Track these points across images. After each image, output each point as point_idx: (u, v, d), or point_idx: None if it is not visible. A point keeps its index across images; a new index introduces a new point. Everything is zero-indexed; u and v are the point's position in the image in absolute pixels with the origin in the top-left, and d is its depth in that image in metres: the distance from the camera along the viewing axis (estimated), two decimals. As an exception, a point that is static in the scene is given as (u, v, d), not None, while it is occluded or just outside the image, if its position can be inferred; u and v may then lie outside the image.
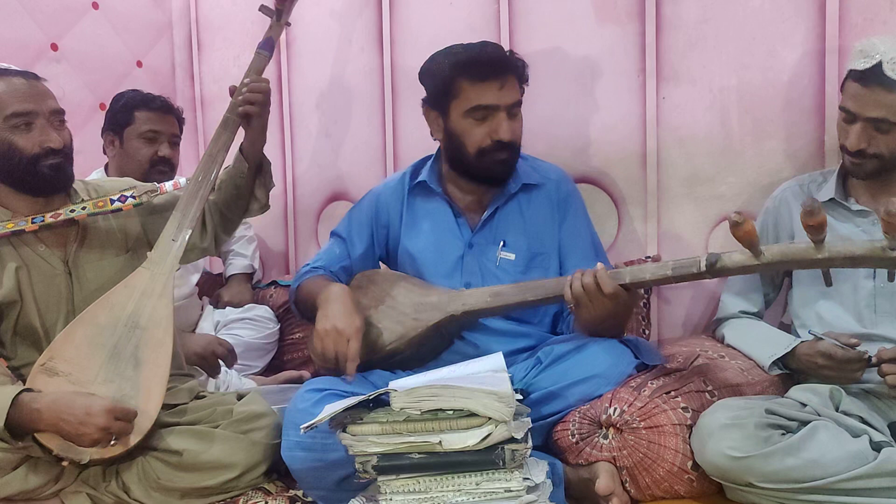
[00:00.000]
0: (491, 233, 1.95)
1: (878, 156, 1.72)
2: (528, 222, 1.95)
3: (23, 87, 1.73)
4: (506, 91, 1.84)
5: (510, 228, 1.95)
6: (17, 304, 1.75)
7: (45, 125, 1.74)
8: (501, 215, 1.96)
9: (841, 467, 1.41)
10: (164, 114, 2.48)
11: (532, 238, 1.95)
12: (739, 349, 1.90)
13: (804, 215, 1.43)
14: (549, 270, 1.94)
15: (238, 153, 1.94)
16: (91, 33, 2.82)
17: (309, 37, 2.85)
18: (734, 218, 1.49)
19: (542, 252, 1.94)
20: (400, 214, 2.03)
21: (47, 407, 1.56)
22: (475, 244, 1.95)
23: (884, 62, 1.65)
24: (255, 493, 1.70)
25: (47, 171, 1.74)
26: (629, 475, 1.57)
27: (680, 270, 1.63)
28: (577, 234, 1.97)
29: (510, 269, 1.92)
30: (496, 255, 1.93)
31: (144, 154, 2.44)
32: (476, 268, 1.93)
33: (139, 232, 1.92)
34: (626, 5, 2.28)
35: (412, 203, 2.03)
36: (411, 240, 2.00)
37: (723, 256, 1.58)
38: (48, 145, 1.73)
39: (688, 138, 2.24)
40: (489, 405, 1.32)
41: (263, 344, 2.63)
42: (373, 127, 2.74)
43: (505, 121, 1.85)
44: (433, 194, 1.99)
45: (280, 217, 2.99)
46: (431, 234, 1.98)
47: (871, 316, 1.76)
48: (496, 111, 1.85)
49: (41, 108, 1.74)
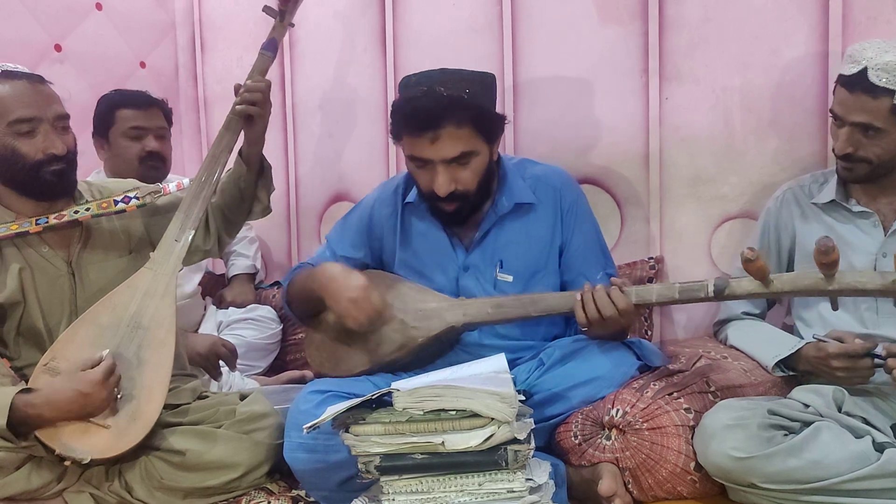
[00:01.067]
0: (486, 253, 1.88)
1: (865, 160, 1.73)
2: (529, 240, 1.88)
3: (28, 92, 1.72)
4: (440, 145, 1.71)
5: (508, 246, 1.87)
6: (21, 305, 1.75)
7: (49, 131, 1.73)
8: (497, 234, 1.88)
9: (844, 468, 1.41)
10: (146, 108, 2.46)
11: (532, 256, 1.88)
12: (743, 350, 1.89)
13: (818, 254, 1.44)
14: (548, 286, 1.88)
15: (238, 156, 1.94)
16: (94, 34, 2.82)
17: (312, 37, 2.85)
18: (747, 255, 1.49)
19: (542, 268, 1.88)
20: (394, 230, 1.96)
21: (43, 406, 1.57)
22: (471, 266, 1.88)
23: (869, 68, 1.65)
24: (257, 494, 1.70)
25: (50, 177, 1.74)
26: (632, 476, 1.57)
27: (687, 294, 1.62)
28: (588, 243, 1.92)
29: (508, 290, 1.85)
30: (493, 276, 1.87)
31: (132, 152, 2.42)
32: (474, 290, 1.87)
33: (142, 233, 1.92)
34: (628, 5, 2.28)
35: (406, 219, 1.95)
36: (406, 259, 1.94)
37: (731, 283, 1.58)
38: (51, 152, 1.72)
39: (690, 138, 2.24)
40: (492, 406, 1.32)
41: (266, 344, 2.63)
42: (376, 128, 2.74)
43: (442, 174, 1.73)
44: (426, 214, 1.91)
45: (283, 217, 2.99)
46: (426, 258, 1.92)
47: (874, 317, 1.76)
48: (432, 164, 1.75)
49: (45, 113, 1.73)
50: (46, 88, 1.76)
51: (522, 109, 2.45)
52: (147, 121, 2.44)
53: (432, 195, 1.79)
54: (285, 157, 2.96)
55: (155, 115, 2.47)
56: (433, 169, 1.76)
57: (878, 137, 1.69)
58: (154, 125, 2.45)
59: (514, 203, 1.87)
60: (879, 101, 1.66)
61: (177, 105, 3.13)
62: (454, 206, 1.81)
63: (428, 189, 1.80)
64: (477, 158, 1.77)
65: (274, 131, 2.94)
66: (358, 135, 2.79)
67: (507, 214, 1.88)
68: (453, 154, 1.73)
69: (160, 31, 3.09)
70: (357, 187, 2.78)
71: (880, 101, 1.65)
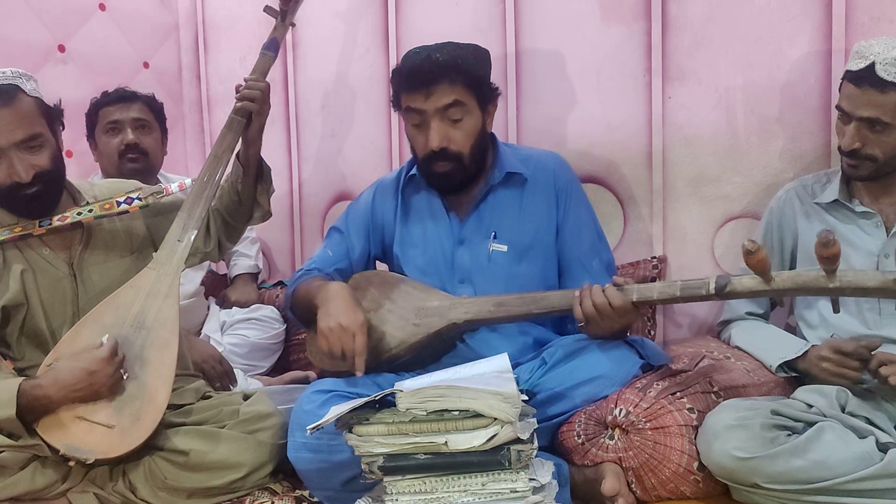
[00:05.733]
0: (481, 225, 1.94)
1: (871, 157, 1.73)
2: (523, 212, 1.94)
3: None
4: (433, 98, 1.82)
5: (503, 219, 1.93)
6: (24, 307, 1.76)
7: (14, 158, 1.67)
8: (491, 206, 1.94)
9: (847, 468, 1.41)
10: (123, 102, 2.46)
11: (526, 229, 1.93)
12: (746, 351, 1.89)
13: (819, 246, 1.43)
14: (544, 262, 1.93)
15: (235, 159, 1.93)
16: (98, 35, 2.82)
17: (314, 38, 2.85)
18: (748, 246, 1.49)
19: (537, 243, 1.93)
20: (394, 211, 2.03)
21: (50, 386, 1.58)
22: (465, 238, 1.94)
23: (877, 63, 1.66)
24: (261, 494, 1.70)
25: (26, 200, 1.72)
26: (635, 476, 1.57)
27: (688, 292, 1.63)
28: (582, 226, 1.96)
29: (502, 261, 1.91)
30: (488, 247, 1.93)
31: (112, 147, 2.43)
32: (468, 262, 1.93)
33: (144, 234, 1.93)
34: (631, 5, 2.28)
35: (406, 199, 2.03)
36: (405, 236, 2.00)
37: (732, 280, 1.58)
38: (14, 180, 1.69)
39: (693, 138, 2.24)
40: (495, 406, 1.33)
41: (269, 344, 2.64)
42: (378, 127, 2.75)
43: (435, 128, 1.83)
44: (424, 189, 2.00)
45: (286, 217, 3.00)
46: (424, 231, 1.98)
47: (876, 318, 1.76)
48: (426, 116, 1.84)
49: (5, 141, 1.66)
50: (9, 110, 1.66)
51: (525, 108, 2.45)
52: (122, 114, 2.45)
53: (428, 155, 1.86)
54: (288, 157, 2.97)
55: (131, 108, 2.46)
56: (427, 124, 1.84)
57: (886, 133, 1.70)
58: (130, 118, 2.45)
59: (505, 172, 1.93)
60: (887, 96, 1.66)
61: (180, 105, 3.14)
62: (448, 166, 1.87)
63: (424, 149, 1.87)
64: (469, 119, 1.86)
65: (277, 131, 2.96)
66: (361, 134, 2.79)
67: (500, 185, 1.94)
68: (446, 101, 1.82)
69: (164, 31, 3.09)
70: (360, 187, 2.76)
71: (888, 95, 1.66)
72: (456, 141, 1.85)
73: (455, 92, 1.83)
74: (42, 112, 1.74)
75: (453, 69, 1.83)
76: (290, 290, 2.02)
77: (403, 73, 1.87)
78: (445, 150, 1.84)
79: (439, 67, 1.82)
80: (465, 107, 1.85)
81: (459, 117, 1.85)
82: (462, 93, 1.84)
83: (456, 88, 1.83)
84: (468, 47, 1.92)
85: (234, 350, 2.51)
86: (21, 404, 1.55)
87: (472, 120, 1.87)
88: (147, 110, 2.50)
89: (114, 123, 2.44)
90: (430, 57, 1.84)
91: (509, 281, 1.89)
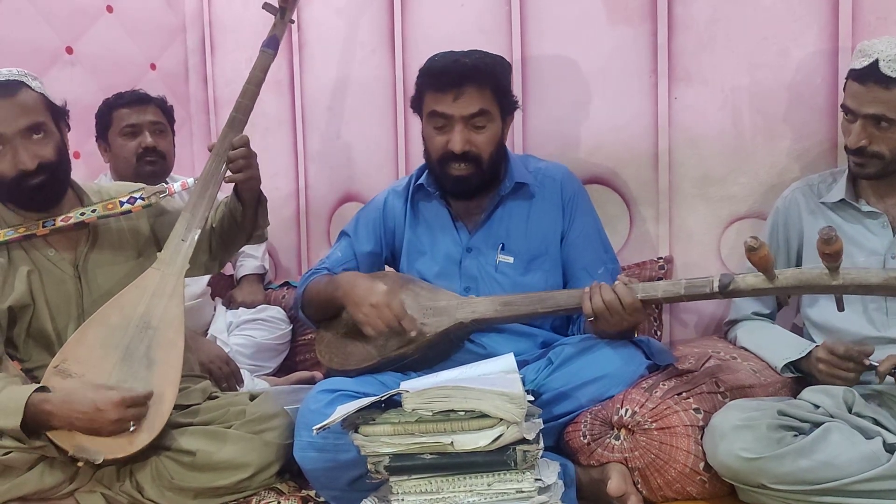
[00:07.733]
0: (489, 236, 1.96)
1: (878, 154, 1.73)
2: (530, 223, 1.95)
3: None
4: (462, 102, 1.83)
5: (510, 230, 1.95)
6: (30, 308, 1.76)
7: (18, 146, 1.68)
8: (500, 217, 1.96)
9: (854, 469, 1.41)
10: (139, 105, 2.47)
11: (533, 240, 1.94)
12: (752, 351, 1.89)
13: (821, 243, 1.44)
14: (549, 272, 1.94)
15: (233, 193, 1.90)
16: (105, 36, 2.83)
17: (321, 39, 2.85)
18: (750, 243, 1.49)
19: (543, 254, 1.94)
20: (404, 217, 2.05)
21: (58, 406, 1.57)
22: (473, 248, 1.96)
23: (880, 60, 1.67)
24: (267, 493, 1.70)
25: (30, 191, 1.72)
26: (641, 476, 1.56)
27: (692, 290, 1.64)
28: (588, 235, 1.97)
29: (509, 272, 1.93)
30: (495, 258, 1.94)
31: (129, 150, 2.43)
32: (475, 272, 1.94)
33: (148, 234, 1.93)
34: (637, 6, 2.28)
35: (415, 206, 2.05)
36: (413, 244, 2.02)
37: (736, 278, 1.59)
38: (20, 169, 1.69)
39: (699, 138, 2.23)
40: (500, 406, 1.33)
41: (276, 345, 2.64)
42: (384, 128, 2.75)
43: (459, 132, 1.84)
44: (433, 197, 2.01)
45: (292, 218, 3.00)
46: (432, 239, 2.00)
47: (883, 318, 1.75)
48: (452, 121, 1.85)
49: (9, 129, 1.67)
50: (13, 100, 1.68)
51: (532, 109, 2.45)
52: (140, 117, 2.45)
53: (447, 156, 1.87)
54: (294, 157, 2.97)
55: (148, 111, 2.48)
56: (451, 128, 1.85)
57: (892, 129, 1.70)
58: (148, 121, 2.46)
59: (514, 182, 1.95)
60: (892, 92, 1.67)
61: (187, 107, 3.15)
62: (467, 169, 1.87)
63: (443, 150, 1.87)
64: (492, 126, 1.88)
65: (283, 132, 2.96)
66: (367, 136, 2.79)
67: (509, 196, 1.96)
68: (473, 110, 1.84)
69: (170, 33, 3.10)
70: (366, 188, 2.79)
71: (893, 91, 1.67)
72: (478, 145, 1.87)
73: (483, 99, 1.85)
74: (46, 106, 1.75)
75: (483, 74, 1.85)
76: (301, 290, 2.03)
77: (433, 73, 1.88)
78: (467, 152, 1.86)
79: (470, 70, 1.84)
80: (490, 115, 1.87)
81: (483, 125, 1.87)
82: (489, 100, 1.86)
83: (484, 94, 1.85)
84: (495, 57, 1.95)
85: (241, 350, 2.52)
86: (27, 415, 1.55)
87: (494, 128, 1.89)
88: (161, 113, 2.52)
89: (132, 127, 2.44)
90: (460, 60, 1.87)
91: (515, 291, 1.90)
